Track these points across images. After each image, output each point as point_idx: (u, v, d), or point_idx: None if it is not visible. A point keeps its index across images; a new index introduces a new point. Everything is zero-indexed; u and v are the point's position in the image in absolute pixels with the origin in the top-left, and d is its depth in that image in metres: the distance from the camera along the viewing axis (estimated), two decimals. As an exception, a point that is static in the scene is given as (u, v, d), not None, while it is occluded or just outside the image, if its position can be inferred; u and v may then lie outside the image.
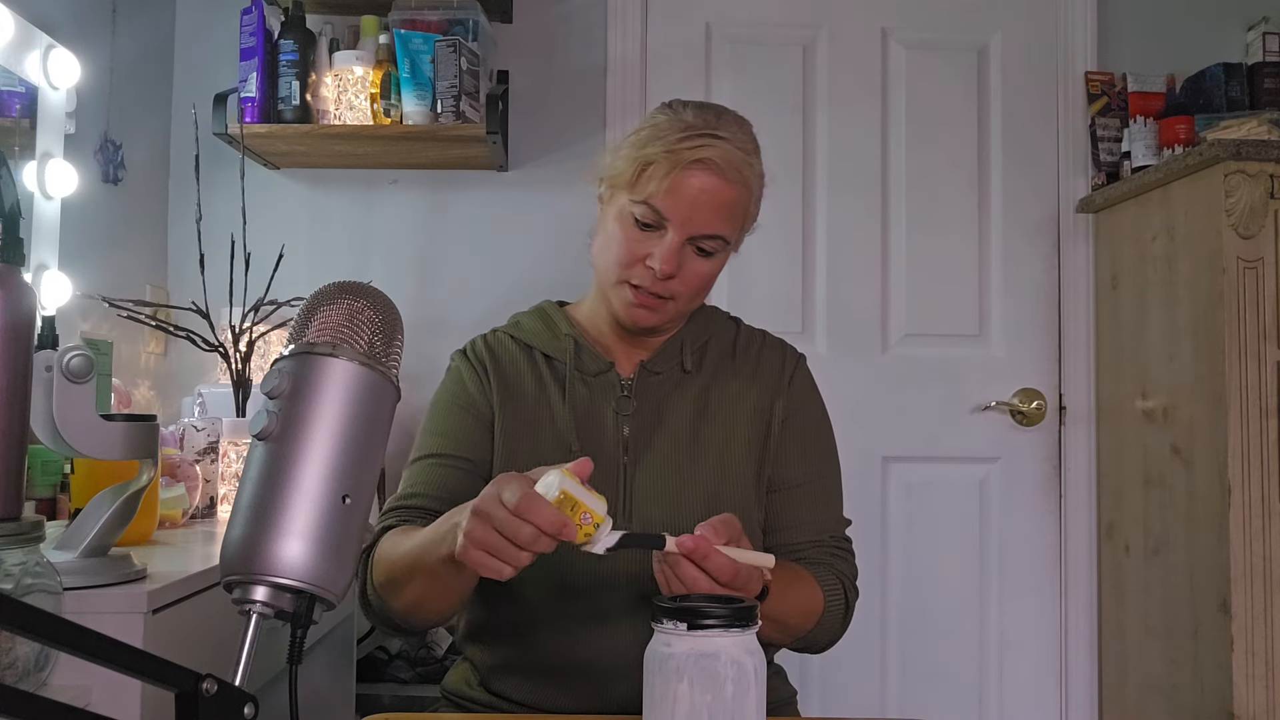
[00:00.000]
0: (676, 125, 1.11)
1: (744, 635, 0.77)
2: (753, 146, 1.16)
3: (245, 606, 0.58)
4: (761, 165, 1.18)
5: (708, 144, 1.09)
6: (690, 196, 1.09)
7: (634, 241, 1.12)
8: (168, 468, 1.58)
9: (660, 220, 1.10)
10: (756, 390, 1.21)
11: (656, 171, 1.09)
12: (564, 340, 1.21)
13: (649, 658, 0.79)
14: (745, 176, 1.13)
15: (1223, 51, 2.32)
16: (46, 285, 1.55)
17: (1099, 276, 2.32)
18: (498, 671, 1.17)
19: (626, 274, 1.13)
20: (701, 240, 1.12)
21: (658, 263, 1.10)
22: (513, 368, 1.21)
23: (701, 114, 1.13)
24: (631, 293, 1.14)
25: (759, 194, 1.18)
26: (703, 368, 1.22)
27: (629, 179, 1.11)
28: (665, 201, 1.09)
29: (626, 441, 1.16)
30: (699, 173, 1.09)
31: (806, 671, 2.29)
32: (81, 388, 1.02)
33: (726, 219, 1.12)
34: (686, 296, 1.15)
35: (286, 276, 2.01)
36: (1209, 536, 1.84)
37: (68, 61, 1.61)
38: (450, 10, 2.15)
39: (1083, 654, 2.30)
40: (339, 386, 0.62)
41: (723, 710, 0.76)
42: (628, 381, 1.19)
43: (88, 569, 1.04)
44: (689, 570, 0.88)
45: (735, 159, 1.11)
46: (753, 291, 2.32)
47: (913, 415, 2.33)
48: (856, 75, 2.39)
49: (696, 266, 1.13)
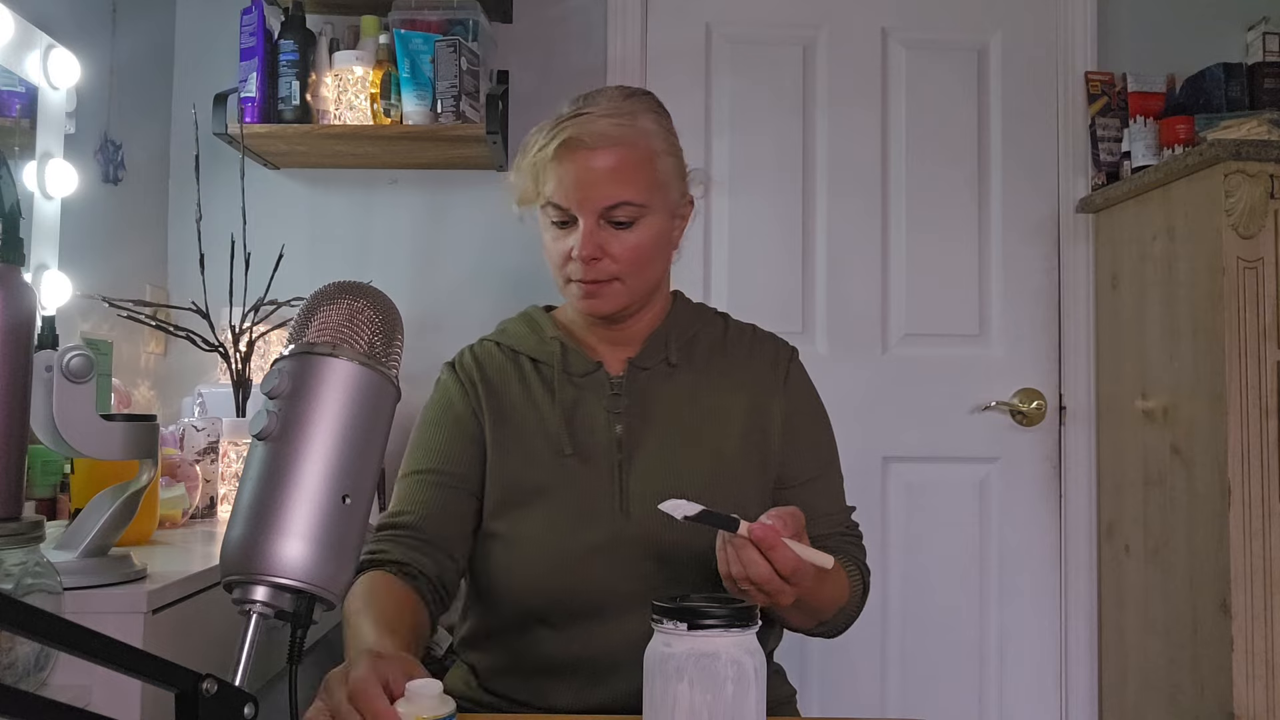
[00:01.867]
0: (547, 124, 1.15)
1: (744, 635, 0.77)
2: (631, 108, 1.16)
3: (245, 606, 0.58)
4: (654, 122, 1.17)
5: (571, 125, 1.12)
6: (574, 179, 1.12)
7: (559, 241, 1.15)
8: (168, 468, 1.58)
9: (567, 214, 1.13)
10: (751, 385, 1.22)
11: (542, 171, 1.13)
12: (550, 343, 1.21)
13: (649, 658, 0.79)
14: (623, 136, 1.13)
15: (1223, 51, 2.32)
16: (46, 285, 1.55)
17: (1099, 277, 2.32)
18: (497, 673, 1.17)
19: (565, 272, 1.16)
20: (610, 213, 1.13)
21: (577, 250, 1.12)
22: (499, 377, 1.21)
23: (574, 102, 1.16)
24: (576, 287, 1.16)
25: (663, 147, 1.17)
26: (692, 362, 1.22)
27: (531, 191, 1.16)
28: (559, 194, 1.12)
29: (620, 439, 1.16)
30: (571, 154, 1.12)
31: (806, 671, 2.29)
32: (81, 388, 1.02)
33: (624, 183, 1.12)
34: (630, 272, 1.15)
35: (286, 276, 2.01)
36: (1209, 536, 1.84)
37: (68, 61, 1.61)
38: (450, 10, 2.15)
39: (1083, 654, 2.30)
40: (339, 386, 0.62)
41: (723, 710, 0.76)
42: (618, 380, 1.19)
43: (88, 569, 1.04)
44: (753, 555, 0.90)
45: (602, 125, 1.12)
46: (753, 291, 2.32)
47: (913, 415, 2.33)
48: (856, 75, 2.39)
49: (623, 239, 1.14)
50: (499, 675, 1.17)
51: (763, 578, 0.90)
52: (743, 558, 0.91)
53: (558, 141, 1.11)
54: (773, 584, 0.91)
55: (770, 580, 0.91)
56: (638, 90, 1.21)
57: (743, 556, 0.91)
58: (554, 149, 1.11)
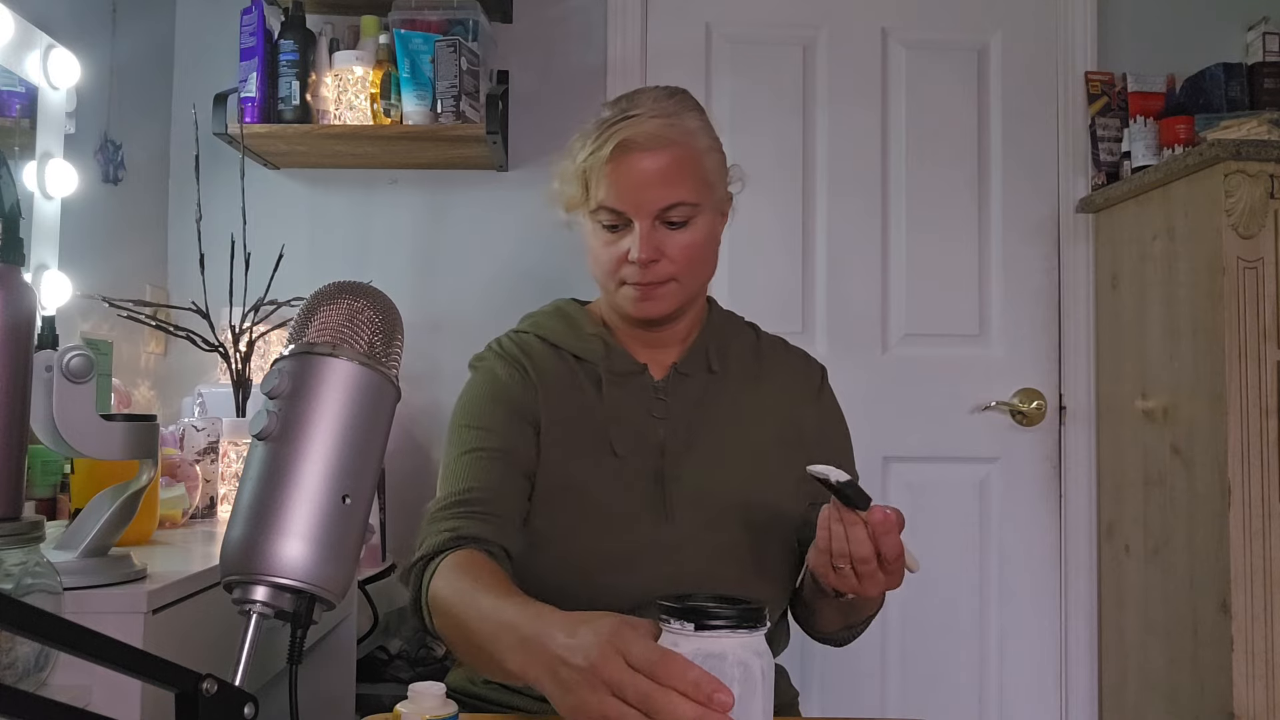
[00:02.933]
0: (594, 128, 1.15)
1: (751, 636, 0.76)
2: (675, 108, 1.16)
3: (245, 606, 0.58)
4: (697, 119, 1.18)
5: (621, 127, 1.12)
6: (629, 180, 1.12)
7: (611, 246, 1.15)
8: (168, 468, 1.58)
9: (621, 217, 1.13)
10: (788, 396, 1.23)
11: (594, 176, 1.13)
12: (591, 340, 1.21)
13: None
14: (673, 136, 1.13)
15: (1223, 51, 2.32)
16: (46, 285, 1.55)
17: (1099, 276, 2.32)
18: None
19: (618, 276, 1.15)
20: (666, 214, 1.13)
21: (635, 253, 1.12)
22: (548, 367, 1.20)
23: (615, 105, 1.17)
24: (632, 290, 1.15)
25: (707, 145, 1.18)
26: (728, 370, 1.23)
27: (580, 197, 1.15)
28: (613, 197, 1.12)
29: (663, 444, 1.16)
30: (625, 156, 1.12)
31: (807, 672, 2.29)
32: (81, 388, 1.02)
33: (677, 184, 1.13)
34: (685, 273, 1.16)
35: (286, 276, 2.01)
36: (1209, 536, 1.84)
37: (68, 61, 1.61)
38: (450, 10, 2.15)
39: (1083, 654, 2.30)
40: (339, 386, 0.61)
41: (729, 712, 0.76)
42: (660, 384, 1.19)
43: (88, 569, 1.04)
44: (862, 534, 0.93)
45: (652, 126, 1.12)
46: (753, 291, 2.32)
47: (913, 415, 2.33)
48: (856, 75, 2.39)
49: (678, 240, 1.14)
50: None
51: (864, 557, 0.93)
52: (851, 535, 0.93)
53: (612, 144, 1.11)
54: (869, 566, 0.94)
55: (869, 562, 0.93)
56: (676, 89, 1.20)
57: (852, 534, 0.93)
58: (609, 152, 1.11)
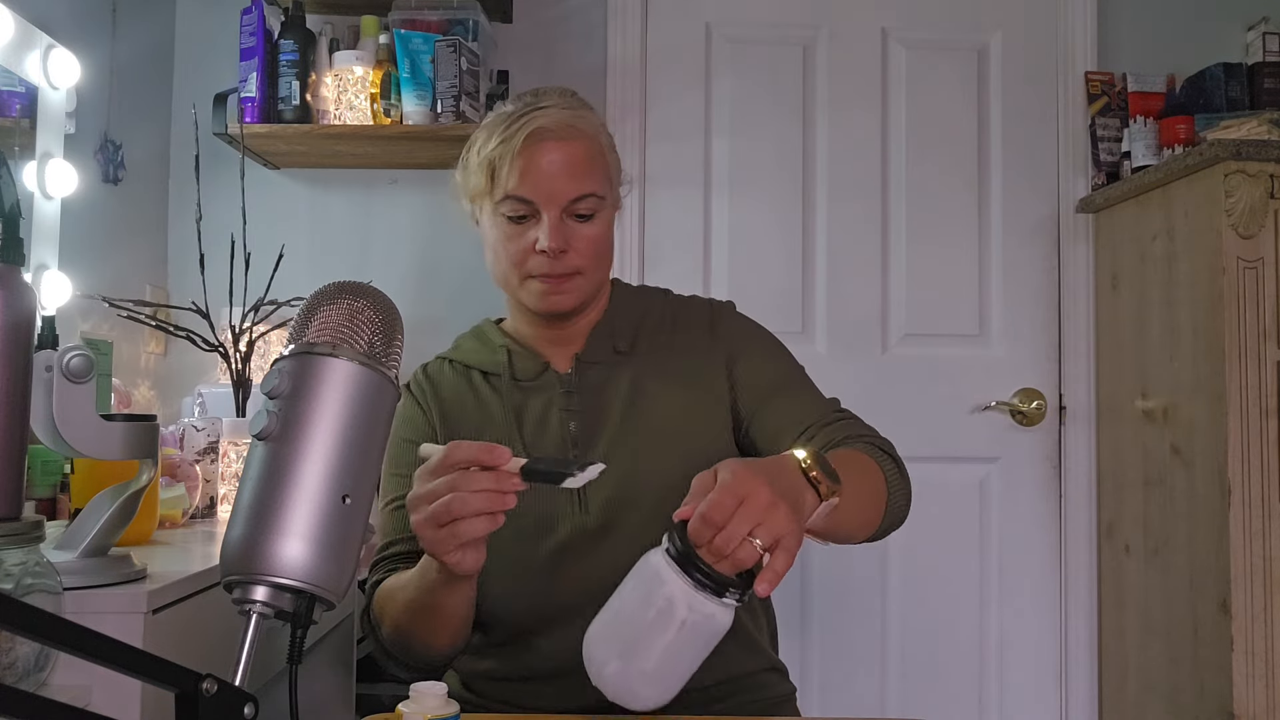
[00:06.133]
0: (501, 118, 1.15)
1: (698, 593, 0.78)
2: (579, 103, 1.18)
3: (245, 606, 0.58)
4: (599, 118, 1.19)
5: (533, 116, 1.12)
6: (542, 170, 1.11)
7: (516, 237, 1.14)
8: (168, 468, 1.58)
9: (529, 207, 1.13)
10: (692, 350, 1.21)
11: (502, 165, 1.12)
12: (498, 352, 1.21)
13: (646, 553, 0.83)
14: (582, 129, 1.14)
15: (1223, 51, 2.32)
16: (46, 285, 1.55)
17: (1099, 277, 2.32)
18: (487, 679, 1.17)
19: (525, 269, 1.15)
20: (575, 205, 1.13)
21: (545, 243, 1.11)
22: (452, 392, 1.21)
23: (520, 99, 1.17)
24: (539, 283, 1.14)
25: (609, 143, 1.19)
26: (640, 346, 1.21)
27: (485, 186, 1.15)
28: (523, 186, 1.12)
29: (574, 437, 1.15)
30: (538, 145, 1.11)
31: (806, 670, 2.29)
32: (81, 388, 1.02)
33: (586, 175, 1.13)
34: (590, 265, 1.15)
35: (286, 276, 2.01)
36: (1209, 536, 1.84)
37: (68, 61, 1.61)
38: (450, 10, 2.15)
39: (1082, 654, 2.30)
40: (339, 386, 0.61)
41: (636, 628, 0.80)
42: (567, 377, 1.19)
43: (88, 569, 1.04)
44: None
45: (564, 117, 1.13)
46: (752, 291, 2.32)
47: (913, 415, 2.33)
48: (856, 75, 2.39)
49: (584, 232, 1.14)
50: (490, 681, 1.17)
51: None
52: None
53: (526, 132, 1.11)
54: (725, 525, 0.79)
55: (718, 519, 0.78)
56: (565, 88, 1.21)
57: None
58: (522, 140, 1.11)
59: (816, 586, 2.33)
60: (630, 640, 0.80)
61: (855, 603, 2.33)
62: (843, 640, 2.33)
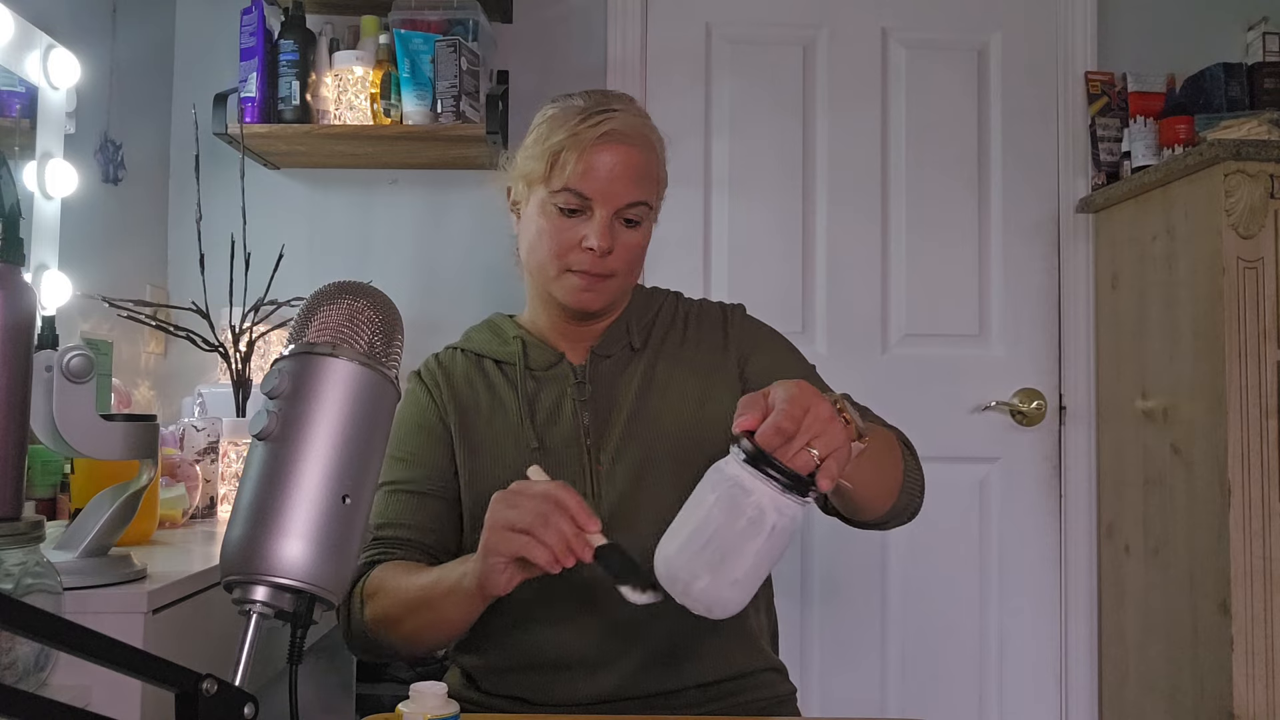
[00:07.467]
0: (572, 111, 1.14)
1: (783, 496, 0.81)
2: (645, 113, 1.20)
3: (245, 606, 0.58)
4: (658, 130, 1.20)
5: (608, 117, 1.12)
6: (606, 171, 1.12)
7: (564, 230, 1.14)
8: (168, 468, 1.58)
9: (584, 202, 1.13)
10: (702, 347, 1.23)
11: (568, 157, 1.12)
12: (512, 343, 1.22)
13: (714, 465, 0.85)
14: (649, 139, 1.16)
15: (1223, 51, 2.32)
16: (46, 285, 1.55)
17: (1099, 276, 2.32)
18: (492, 673, 1.17)
19: (565, 262, 1.15)
20: (627, 210, 1.14)
21: (594, 241, 1.12)
22: (464, 381, 1.22)
23: (591, 95, 1.17)
24: (576, 278, 1.15)
25: (663, 156, 1.21)
26: (649, 344, 1.23)
27: (543, 173, 1.14)
28: (584, 182, 1.12)
29: (587, 428, 1.16)
30: (608, 146, 1.12)
31: (807, 671, 2.29)
32: (81, 388, 1.02)
33: (643, 184, 1.15)
34: (624, 271, 1.17)
35: (286, 276, 2.01)
36: (1209, 536, 1.84)
37: (68, 61, 1.61)
38: (450, 10, 2.15)
39: (1082, 654, 2.30)
40: (339, 386, 0.62)
41: (726, 537, 0.82)
42: (581, 368, 1.20)
43: (88, 569, 1.04)
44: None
45: (636, 124, 1.15)
46: (753, 291, 2.32)
47: (913, 415, 2.30)
48: (856, 75, 2.39)
49: (628, 238, 1.16)
50: (495, 675, 1.17)
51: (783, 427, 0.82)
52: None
53: (600, 131, 1.11)
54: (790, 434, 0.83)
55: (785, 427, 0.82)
56: (631, 96, 1.22)
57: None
58: (594, 137, 1.11)
59: (817, 586, 2.33)
60: (720, 551, 0.82)
61: (855, 603, 2.33)
62: (843, 640, 2.33)
